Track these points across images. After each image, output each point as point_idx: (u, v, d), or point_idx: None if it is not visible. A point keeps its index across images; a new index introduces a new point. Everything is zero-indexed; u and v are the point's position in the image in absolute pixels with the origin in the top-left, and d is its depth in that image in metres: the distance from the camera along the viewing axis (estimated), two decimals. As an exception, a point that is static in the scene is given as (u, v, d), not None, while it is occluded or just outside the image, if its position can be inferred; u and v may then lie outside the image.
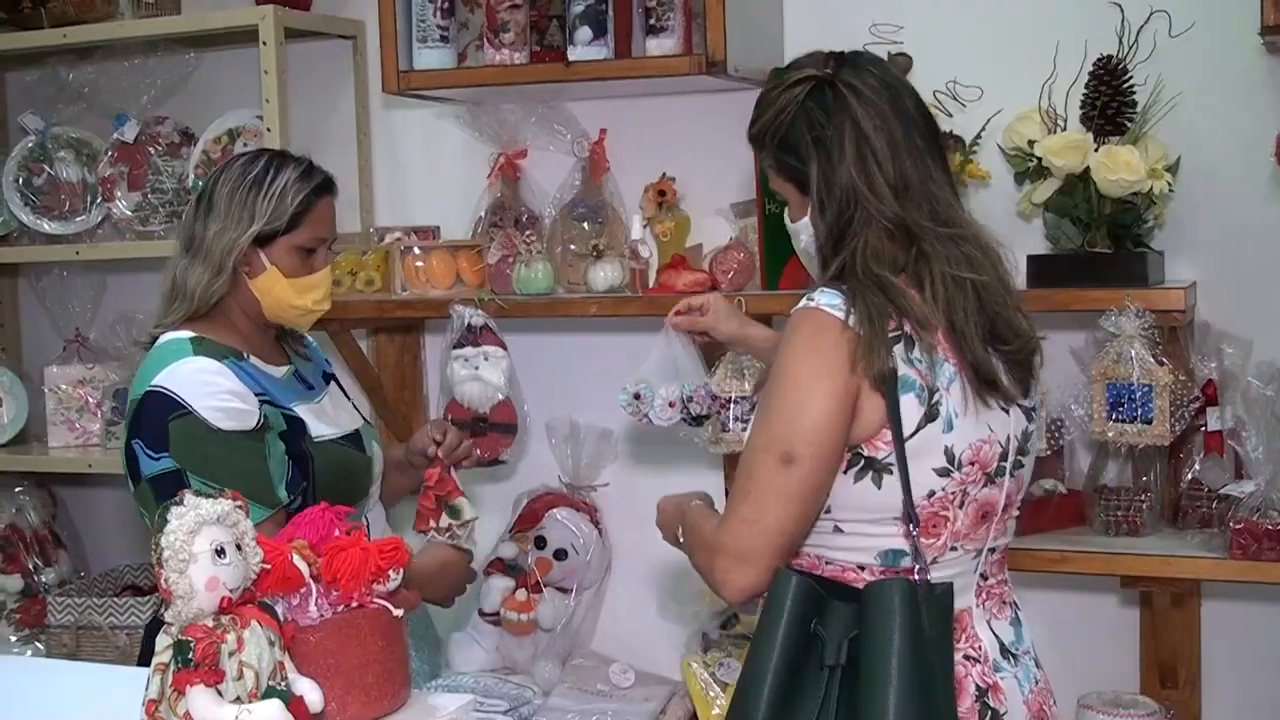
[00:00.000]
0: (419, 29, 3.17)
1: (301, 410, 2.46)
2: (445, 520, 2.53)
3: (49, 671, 2.24)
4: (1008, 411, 1.93)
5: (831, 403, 1.81)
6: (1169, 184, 2.72)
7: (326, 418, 2.52)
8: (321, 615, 1.83)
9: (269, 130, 3.31)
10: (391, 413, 3.61)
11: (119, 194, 3.63)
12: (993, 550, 1.99)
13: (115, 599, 3.61)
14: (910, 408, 1.84)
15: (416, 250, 3.31)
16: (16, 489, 3.94)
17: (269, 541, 1.78)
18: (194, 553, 1.61)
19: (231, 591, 1.64)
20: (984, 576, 1.99)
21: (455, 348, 3.07)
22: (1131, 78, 2.76)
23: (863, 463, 1.86)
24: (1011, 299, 1.94)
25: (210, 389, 2.31)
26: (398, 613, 1.88)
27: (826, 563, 1.92)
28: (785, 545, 1.86)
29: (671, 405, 2.43)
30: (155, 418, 2.29)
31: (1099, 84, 2.76)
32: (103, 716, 1.93)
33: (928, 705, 1.75)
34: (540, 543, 3.38)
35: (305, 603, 1.82)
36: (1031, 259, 2.81)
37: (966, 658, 1.93)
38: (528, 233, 3.25)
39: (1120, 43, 2.79)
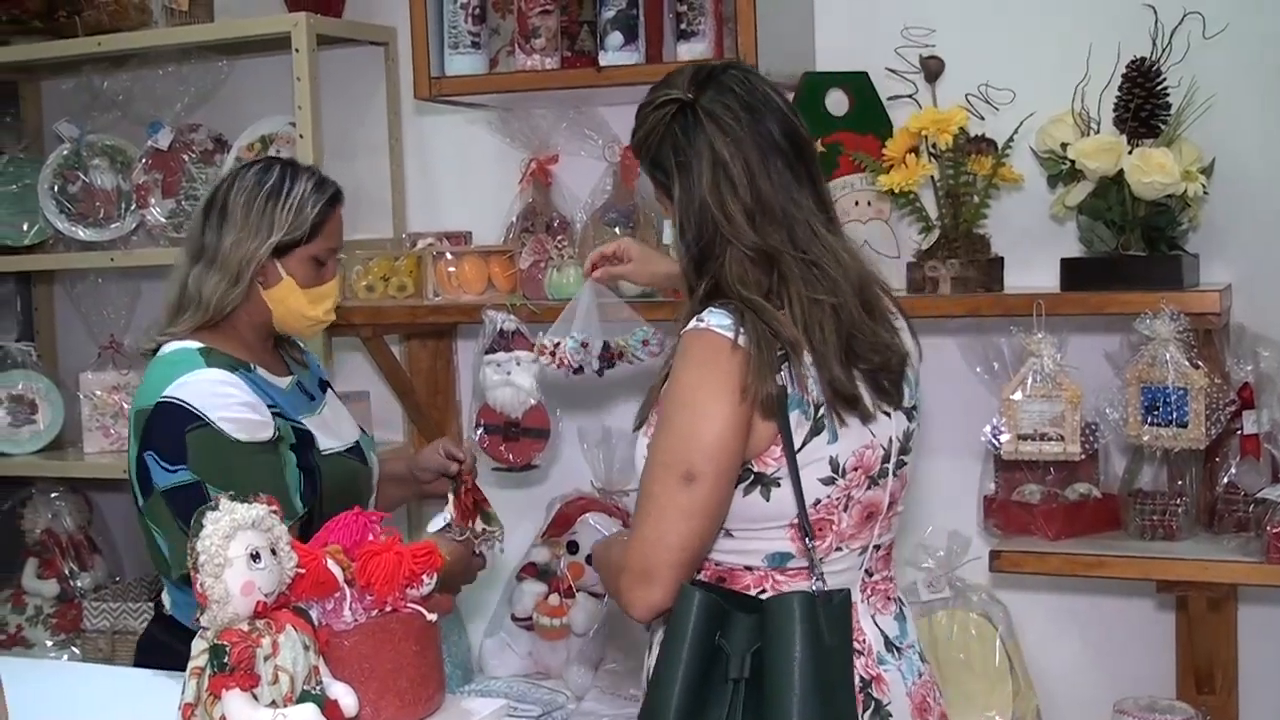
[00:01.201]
0: (450, 35, 3.18)
1: (309, 422, 2.46)
2: (480, 525, 2.54)
3: (85, 676, 2.25)
4: (890, 415, 1.98)
5: (730, 422, 1.85)
6: (1203, 186, 2.70)
7: (329, 430, 2.52)
8: (356, 620, 1.84)
9: (301, 137, 3.32)
10: (424, 418, 3.62)
11: (153, 201, 3.65)
12: (878, 547, 2.04)
13: (150, 604, 3.63)
14: (796, 422, 1.88)
15: (448, 255, 3.32)
16: (52, 494, 3.97)
17: (303, 546, 1.79)
18: (229, 557, 1.62)
19: (267, 596, 1.65)
20: (869, 573, 2.03)
21: (487, 353, 3.07)
22: (1165, 79, 2.74)
23: (752, 477, 1.91)
24: (876, 316, 1.98)
25: (225, 400, 2.30)
26: (431, 617, 1.89)
27: (715, 564, 1.97)
28: (688, 561, 1.89)
29: (588, 351, 2.48)
30: (170, 429, 2.27)
31: (1132, 86, 2.74)
32: (139, 716, 1.94)
33: (830, 714, 1.80)
34: (573, 547, 3.39)
35: (340, 607, 1.83)
36: (1065, 262, 2.80)
37: (851, 651, 1.95)
38: (559, 238, 3.26)
39: (1154, 44, 2.77)
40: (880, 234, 2.99)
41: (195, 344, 2.37)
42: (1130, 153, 2.69)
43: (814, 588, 1.90)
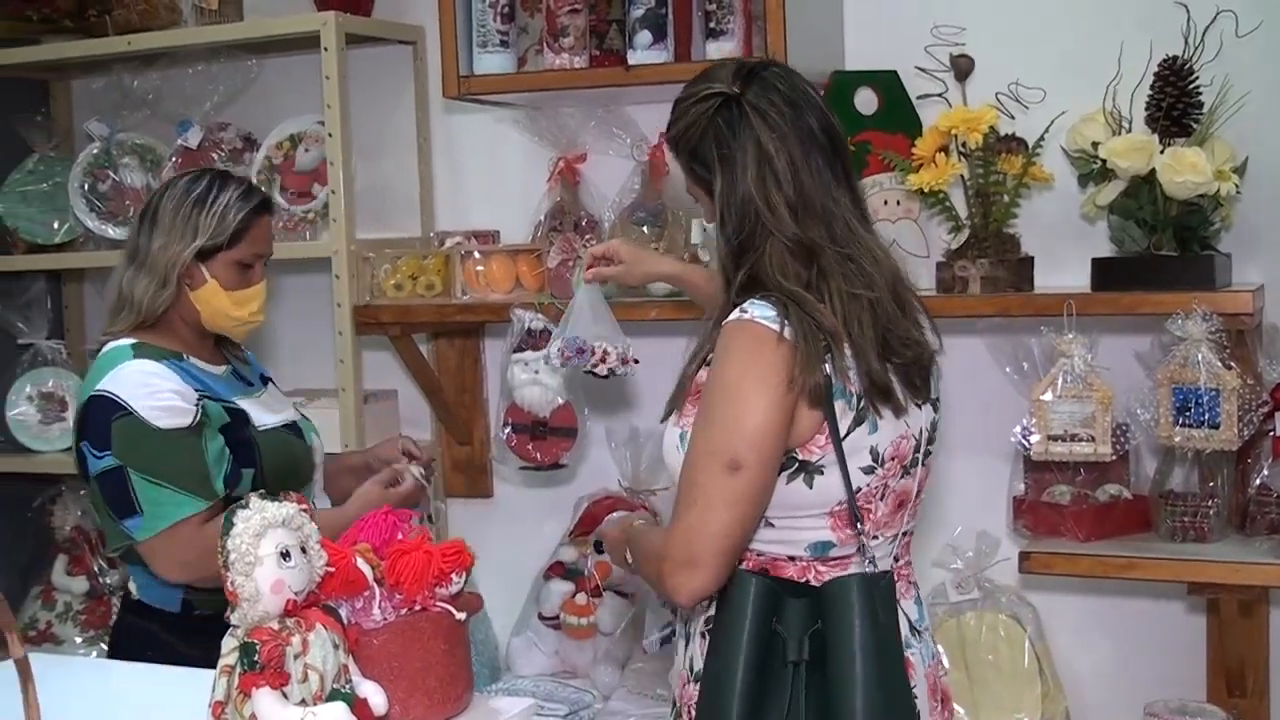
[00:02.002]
0: (479, 34, 3.18)
1: (243, 403, 2.59)
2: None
3: (115, 673, 2.25)
4: (920, 407, 2.03)
5: (773, 411, 1.88)
6: (1236, 186, 2.68)
7: (268, 410, 2.65)
8: (385, 618, 1.84)
9: (330, 135, 3.33)
10: (452, 416, 3.63)
11: (183, 200, 3.65)
12: (905, 535, 2.08)
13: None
14: (841, 412, 1.92)
15: (476, 254, 3.32)
16: (81, 491, 3.98)
17: (333, 545, 1.79)
18: (260, 555, 1.63)
19: (297, 594, 1.65)
20: (896, 559, 2.07)
21: (515, 352, 3.08)
22: (1197, 78, 2.72)
23: (796, 465, 1.93)
24: (908, 313, 2.02)
25: (150, 389, 2.44)
26: (460, 616, 1.89)
27: (757, 555, 1.99)
28: (732, 548, 1.91)
29: (565, 357, 2.49)
30: (99, 419, 2.42)
31: (1164, 85, 2.73)
32: (167, 717, 1.95)
33: (892, 693, 1.88)
34: (600, 547, 3.38)
35: (369, 606, 1.84)
36: (1096, 262, 2.78)
37: (899, 629, 2.01)
38: (587, 237, 3.25)
39: (1186, 43, 2.75)
40: (909, 233, 2.98)
41: (128, 341, 2.52)
42: (1162, 152, 2.67)
43: (866, 569, 1.95)
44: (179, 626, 2.51)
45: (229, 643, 1.64)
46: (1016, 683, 2.96)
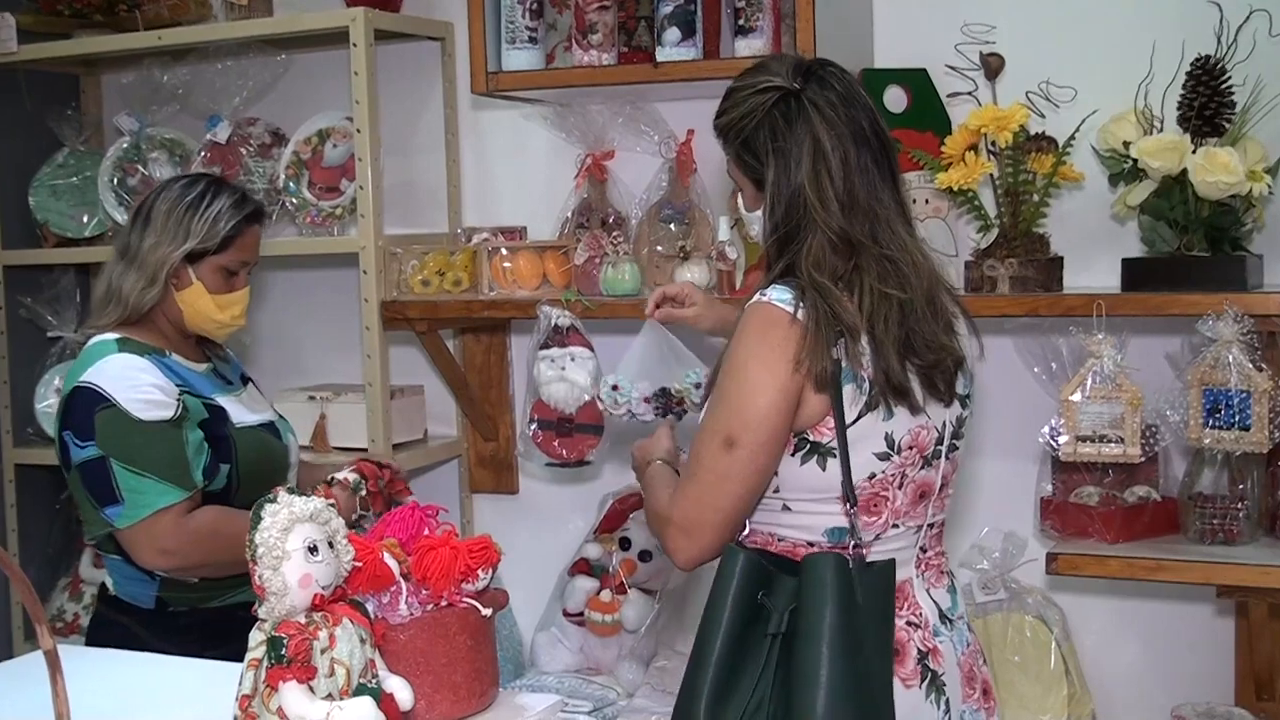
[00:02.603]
0: (507, 30, 3.18)
1: (222, 400, 2.64)
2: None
3: (140, 664, 2.26)
4: (946, 404, 2.05)
5: (777, 395, 1.93)
6: (1268, 186, 2.66)
7: (246, 408, 2.69)
8: (411, 614, 1.84)
9: (359, 131, 3.33)
10: (478, 412, 3.63)
11: (211, 194, 3.66)
12: (931, 526, 2.11)
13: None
14: (851, 396, 1.95)
15: (504, 251, 3.32)
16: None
17: (360, 539, 1.79)
18: (287, 550, 1.63)
19: (324, 589, 1.65)
20: (923, 549, 2.11)
21: (542, 348, 3.08)
22: (1230, 78, 2.70)
23: (809, 447, 1.98)
24: (939, 316, 2.05)
25: (132, 382, 2.49)
26: (486, 612, 1.89)
27: (779, 540, 2.04)
28: (726, 521, 1.99)
29: (646, 400, 2.47)
30: (82, 410, 2.48)
31: (1197, 84, 2.71)
32: (195, 709, 1.95)
33: (858, 667, 1.88)
34: (625, 544, 3.39)
35: (395, 601, 1.84)
36: (1126, 262, 2.77)
37: (909, 624, 2.05)
38: (615, 234, 3.25)
39: (1219, 42, 2.73)
40: (938, 232, 2.96)
41: (113, 336, 2.57)
42: (1194, 152, 2.65)
43: (849, 550, 1.97)
44: (153, 623, 2.55)
45: (256, 636, 1.64)
46: (1043, 684, 2.95)
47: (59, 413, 2.54)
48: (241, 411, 2.65)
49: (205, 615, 2.56)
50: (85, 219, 3.92)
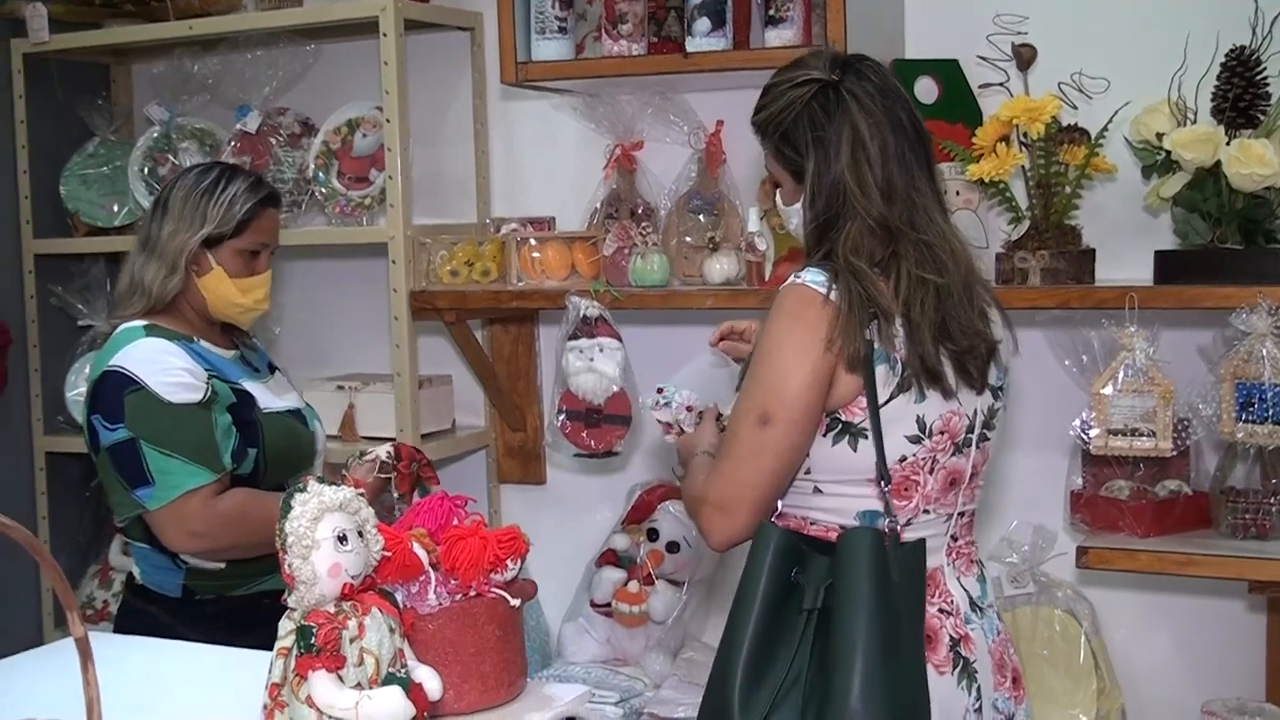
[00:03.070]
0: (537, 20, 3.18)
1: (249, 385, 2.65)
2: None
3: (170, 652, 2.27)
4: (978, 391, 2.06)
5: (809, 374, 1.95)
6: (1304, 178, 2.64)
7: (273, 395, 2.71)
8: (440, 603, 1.84)
9: (389, 121, 3.33)
10: (506, 402, 3.63)
11: (240, 184, 3.67)
12: (962, 514, 2.13)
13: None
14: (884, 377, 1.98)
15: (532, 241, 3.32)
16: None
17: (389, 529, 1.79)
18: (317, 539, 1.63)
19: (353, 578, 1.65)
20: (954, 538, 2.12)
21: (570, 339, 3.08)
22: (1265, 69, 2.68)
23: (840, 427, 2.00)
24: (974, 303, 2.08)
25: (162, 366, 2.51)
26: (515, 602, 1.89)
27: (811, 523, 2.06)
28: (760, 499, 2.00)
29: (689, 409, 2.48)
30: (112, 394, 2.49)
31: (1231, 75, 2.69)
32: (224, 697, 1.96)
33: (893, 643, 1.89)
34: (653, 535, 3.38)
35: (424, 591, 1.84)
36: (1159, 254, 2.75)
37: (941, 611, 2.06)
38: (643, 224, 3.25)
39: (1254, 33, 2.71)
40: (969, 224, 2.94)
41: (141, 322, 2.60)
42: (1228, 143, 2.63)
43: (885, 526, 1.98)
44: (180, 611, 2.57)
45: (285, 625, 1.65)
46: (1071, 679, 2.94)
47: (88, 397, 2.55)
48: (269, 397, 2.66)
49: (231, 603, 2.57)
50: (115, 208, 3.94)
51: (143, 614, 2.59)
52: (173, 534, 2.47)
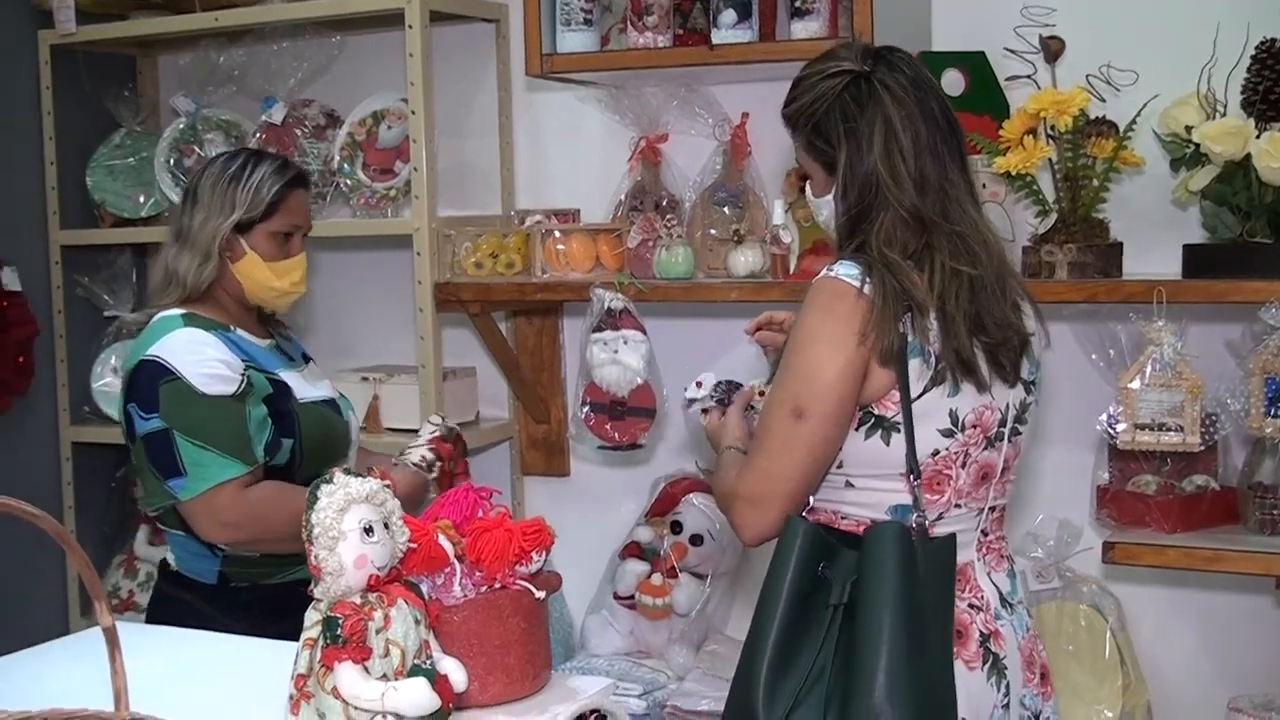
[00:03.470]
0: (562, 12, 3.17)
1: (285, 375, 2.66)
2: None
3: (198, 641, 2.27)
4: (1010, 384, 2.06)
5: (843, 366, 1.95)
6: (1334, 172, 2.62)
7: (308, 385, 2.71)
8: (465, 595, 1.84)
9: (414, 113, 3.33)
10: (530, 395, 3.63)
11: (265, 175, 3.68)
12: (993, 509, 2.12)
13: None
14: (917, 371, 1.97)
15: (557, 233, 3.32)
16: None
17: (415, 521, 1.79)
18: (343, 530, 1.63)
19: (379, 570, 1.65)
20: (985, 532, 2.12)
21: (594, 331, 3.07)
22: (1296, 61, 2.67)
23: (873, 420, 2.00)
24: (1007, 295, 2.07)
25: (198, 357, 2.52)
26: (540, 594, 1.89)
27: (842, 517, 2.06)
28: (794, 493, 2.00)
29: (699, 384, 2.48)
30: (147, 383, 2.50)
31: (1261, 68, 2.67)
32: (251, 687, 1.96)
33: (919, 639, 1.88)
34: (676, 528, 3.38)
35: (449, 582, 1.84)
36: (1188, 248, 2.73)
37: (971, 606, 2.06)
38: (668, 217, 3.24)
39: (1285, 25, 2.69)
40: (995, 217, 2.92)
41: (179, 311, 2.61)
42: (1258, 136, 2.61)
43: (913, 521, 1.98)
44: (215, 598, 2.58)
45: (312, 616, 1.65)
46: (1097, 674, 2.93)
47: (124, 385, 2.57)
48: (304, 387, 2.67)
49: (266, 591, 2.58)
50: (141, 199, 3.96)
51: (177, 601, 2.61)
52: (205, 525, 2.49)
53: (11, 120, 3.91)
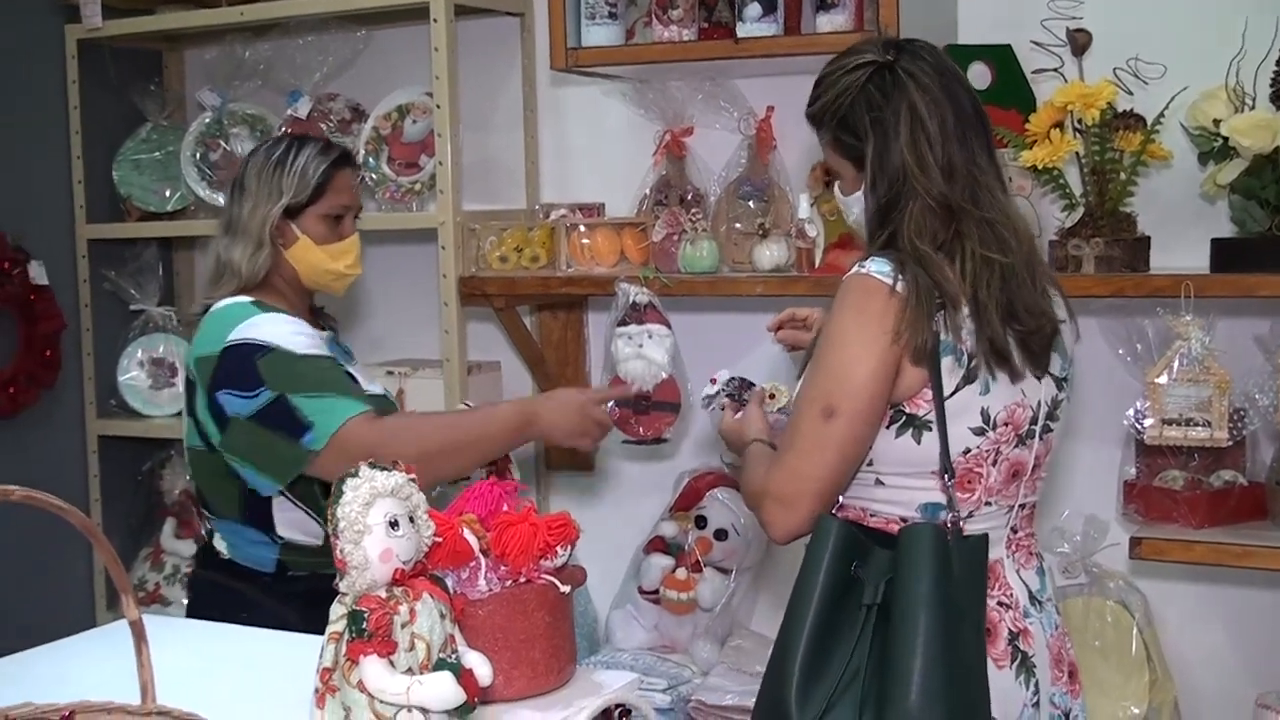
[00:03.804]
0: (587, 6, 3.17)
1: (350, 369, 2.66)
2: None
3: (222, 635, 2.28)
4: (1040, 379, 2.05)
5: (875, 365, 1.94)
6: (1363, 165, 2.60)
7: (364, 378, 2.71)
8: (490, 589, 1.85)
9: (439, 107, 3.33)
10: (554, 388, 3.62)
11: (291, 169, 3.69)
12: (1023, 506, 2.11)
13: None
14: (949, 369, 1.96)
15: (582, 227, 3.32)
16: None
17: (440, 515, 1.79)
18: (369, 524, 1.63)
19: (405, 563, 1.65)
20: (1014, 530, 2.10)
21: (619, 325, 3.07)
22: (1326, 54, 2.65)
23: (904, 419, 1.98)
24: (1037, 282, 2.06)
25: (288, 329, 2.52)
26: (565, 589, 1.89)
27: (871, 515, 2.05)
28: (824, 492, 1.99)
29: (713, 381, 2.46)
30: (240, 364, 2.46)
31: (1291, 60, 2.66)
32: (279, 681, 1.97)
33: (953, 640, 1.86)
34: (701, 522, 3.38)
35: (474, 576, 1.84)
36: (1215, 242, 2.72)
37: (1000, 604, 2.04)
38: (693, 211, 3.24)
39: (1315, 17, 2.67)
40: (1022, 210, 2.91)
41: (247, 299, 2.59)
42: (1288, 130, 2.60)
43: (947, 520, 1.96)
44: (271, 587, 2.56)
45: (337, 609, 1.65)
46: (1123, 670, 2.91)
47: (210, 377, 2.49)
48: (364, 380, 2.68)
49: (322, 580, 2.55)
50: (168, 193, 3.98)
51: (227, 590, 2.59)
52: (342, 467, 2.42)
53: (38, 114, 3.93)
